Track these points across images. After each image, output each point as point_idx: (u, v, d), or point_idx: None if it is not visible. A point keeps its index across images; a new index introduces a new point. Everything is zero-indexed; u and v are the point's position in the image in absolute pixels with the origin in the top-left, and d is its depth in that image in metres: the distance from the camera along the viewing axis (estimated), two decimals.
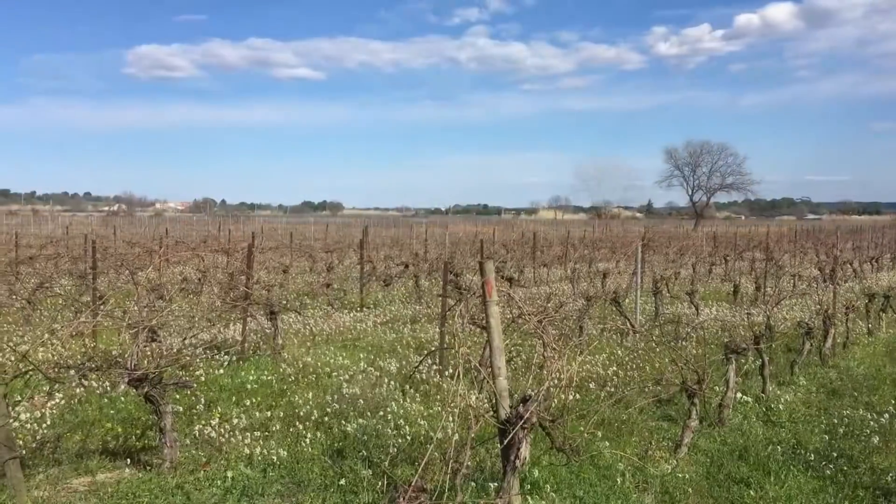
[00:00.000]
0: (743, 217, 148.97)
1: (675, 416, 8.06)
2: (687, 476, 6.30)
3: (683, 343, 11.60)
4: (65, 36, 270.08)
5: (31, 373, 5.60)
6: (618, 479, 6.10)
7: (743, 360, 9.67)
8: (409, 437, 6.95)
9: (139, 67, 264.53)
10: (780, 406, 8.44)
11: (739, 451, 6.94)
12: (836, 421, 7.94)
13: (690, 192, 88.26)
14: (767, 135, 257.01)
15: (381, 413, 7.63)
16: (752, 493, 6.02)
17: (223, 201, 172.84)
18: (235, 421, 7.30)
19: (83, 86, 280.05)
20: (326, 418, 7.57)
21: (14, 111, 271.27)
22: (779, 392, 9.06)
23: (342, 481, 5.92)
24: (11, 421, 5.58)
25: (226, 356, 10.37)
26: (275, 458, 6.45)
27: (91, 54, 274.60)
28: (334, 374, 9.62)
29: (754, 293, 18.33)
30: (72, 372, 6.62)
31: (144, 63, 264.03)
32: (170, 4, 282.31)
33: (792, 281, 20.95)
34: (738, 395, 8.39)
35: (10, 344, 8.91)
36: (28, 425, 7.01)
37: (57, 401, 7.95)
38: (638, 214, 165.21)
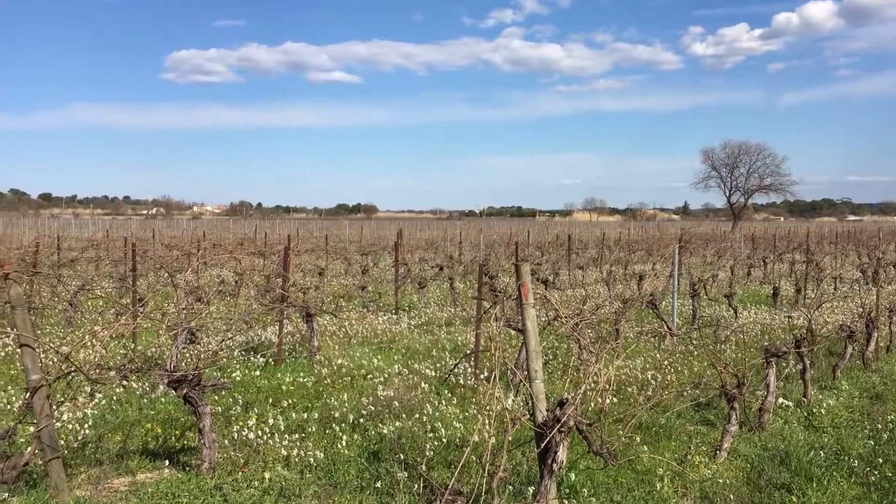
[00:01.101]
0: (782, 218, 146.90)
1: (714, 420, 7.95)
2: (727, 481, 6.21)
3: (722, 346, 11.44)
4: (105, 42, 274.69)
5: (73, 374, 5.69)
6: (656, 484, 6.03)
7: (784, 364, 9.53)
8: (444, 440, 6.94)
9: (177, 72, 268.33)
10: (822, 411, 8.29)
11: (780, 457, 6.82)
12: (879, 426, 7.77)
13: (728, 193, 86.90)
14: (807, 135, 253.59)
15: (417, 416, 7.63)
16: (793, 499, 5.91)
17: (259, 204, 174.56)
18: (272, 422, 7.34)
19: (123, 91, 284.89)
20: (362, 420, 7.59)
21: (55, 116, 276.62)
22: (820, 396, 8.90)
23: (378, 483, 5.93)
24: (54, 421, 5.67)
25: (262, 358, 10.46)
26: (311, 459, 6.48)
27: (130, 60, 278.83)
28: (369, 376, 9.65)
29: (794, 295, 18.04)
30: (112, 373, 6.72)
31: (183, 68, 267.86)
32: (207, 10, 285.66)
33: (833, 283, 20.60)
34: (779, 399, 8.26)
35: (53, 345, 9.07)
36: (70, 426, 7.13)
37: (98, 401, 8.08)
38: (674, 216, 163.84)
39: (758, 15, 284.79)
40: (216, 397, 8.17)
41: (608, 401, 6.41)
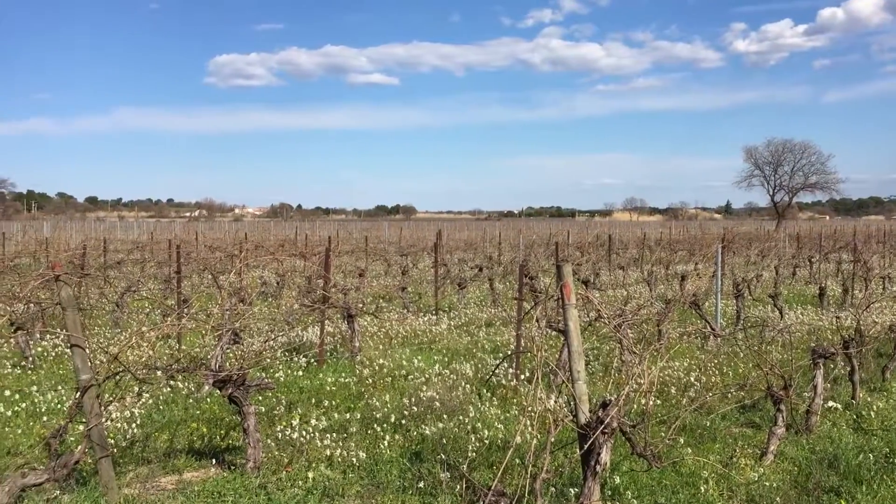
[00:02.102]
0: (827, 217, 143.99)
1: (759, 422, 7.84)
2: (774, 484, 6.11)
3: (768, 347, 11.26)
4: (148, 48, 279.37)
5: (121, 374, 5.80)
6: (701, 487, 5.96)
7: (832, 366, 9.35)
8: (486, 441, 6.94)
9: (219, 77, 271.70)
10: (872, 413, 8.12)
11: (829, 460, 6.69)
12: None
13: (771, 192, 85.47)
14: (853, 132, 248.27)
15: (459, 417, 7.64)
16: (842, 502, 5.80)
17: (299, 206, 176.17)
18: (315, 422, 7.41)
19: (166, 96, 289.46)
20: (404, 421, 7.62)
21: (101, 121, 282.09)
22: (870, 399, 8.72)
23: (421, 484, 5.94)
24: (104, 420, 5.78)
25: (304, 359, 10.55)
26: (354, 459, 6.52)
27: (173, 65, 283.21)
28: (410, 376, 9.68)
29: (842, 296, 17.68)
30: (159, 373, 6.84)
31: (224, 72, 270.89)
32: (249, 14, 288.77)
33: (882, 283, 20.15)
34: (827, 401, 8.10)
35: (102, 345, 9.25)
36: (119, 425, 7.28)
37: (145, 401, 8.22)
38: (716, 215, 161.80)
39: (802, 10, 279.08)
40: (260, 397, 8.27)
41: (651, 402, 6.35)
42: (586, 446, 4.88)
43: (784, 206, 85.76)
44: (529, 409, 5.30)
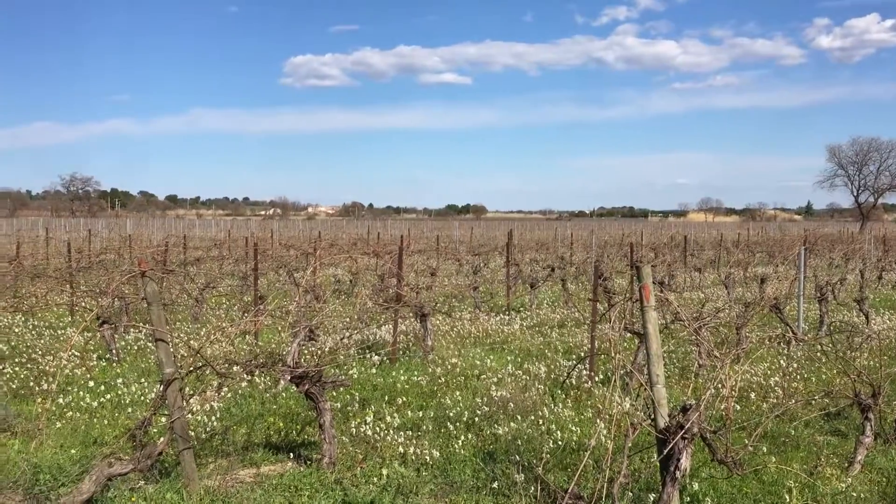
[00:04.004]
0: None
1: (845, 430, 7.56)
2: (861, 495, 5.87)
3: (854, 354, 10.85)
4: (226, 50, 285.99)
5: (202, 368, 5.93)
6: (784, 496, 5.76)
7: None
8: (560, 443, 6.87)
9: (295, 77, 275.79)
10: None
11: None
12: None
13: (856, 193, 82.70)
14: None
15: (532, 417, 7.58)
16: None
17: (370, 205, 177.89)
18: (389, 420, 7.46)
19: (243, 97, 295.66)
20: (476, 420, 7.60)
21: (179, 121, 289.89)
22: None
23: (494, 484, 5.91)
24: (186, 413, 5.93)
25: (377, 356, 10.64)
26: (428, 457, 6.53)
27: (251, 66, 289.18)
28: (483, 376, 9.65)
29: None
30: (237, 368, 6.98)
31: (300, 73, 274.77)
32: (324, 16, 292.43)
33: None
34: None
35: (183, 340, 9.50)
36: (199, 417, 7.46)
37: (223, 395, 8.40)
38: (796, 216, 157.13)
39: (889, 4, 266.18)
40: (334, 393, 8.37)
41: (732, 407, 6.18)
42: (665, 451, 4.78)
43: (869, 208, 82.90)
44: (606, 411, 5.22)
